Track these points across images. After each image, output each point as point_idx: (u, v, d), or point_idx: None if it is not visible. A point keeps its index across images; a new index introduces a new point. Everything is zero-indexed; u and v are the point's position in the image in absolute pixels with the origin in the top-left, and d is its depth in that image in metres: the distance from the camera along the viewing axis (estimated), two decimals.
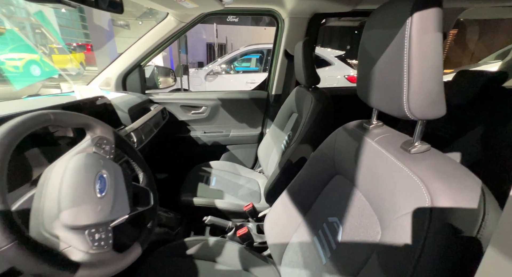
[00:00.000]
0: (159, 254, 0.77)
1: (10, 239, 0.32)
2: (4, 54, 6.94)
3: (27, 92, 1.03)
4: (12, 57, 6.89)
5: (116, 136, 0.60)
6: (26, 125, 0.40)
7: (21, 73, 6.76)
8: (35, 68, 7.08)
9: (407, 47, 0.35)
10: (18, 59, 6.85)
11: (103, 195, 0.47)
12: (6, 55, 6.93)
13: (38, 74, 7.03)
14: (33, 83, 6.58)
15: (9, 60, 6.83)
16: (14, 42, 7.43)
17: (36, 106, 0.66)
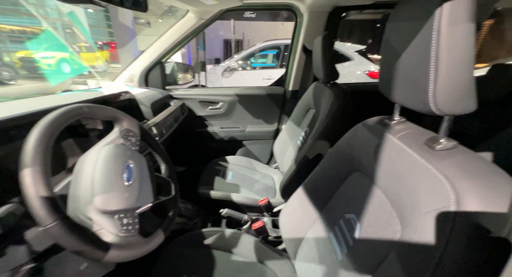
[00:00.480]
0: (178, 243, 0.81)
1: (53, 218, 0.35)
2: (40, 53, 7.51)
3: (60, 88, 1.14)
4: (46, 56, 7.43)
5: (141, 129, 0.64)
6: (65, 117, 0.44)
7: (53, 70, 7.28)
8: (65, 66, 7.58)
9: (435, 39, 0.33)
10: (51, 57, 7.38)
11: (130, 184, 0.51)
12: (41, 53, 7.49)
13: (68, 71, 7.53)
14: (65, 80, 7.07)
15: (43, 58, 7.38)
16: (48, 41, 8.00)
17: (70, 101, 0.71)
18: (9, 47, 8.99)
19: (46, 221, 0.35)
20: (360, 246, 0.52)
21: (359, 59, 3.69)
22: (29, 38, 9.37)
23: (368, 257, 0.48)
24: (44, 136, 0.40)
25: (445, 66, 0.34)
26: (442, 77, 0.34)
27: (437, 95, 0.35)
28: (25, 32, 9.98)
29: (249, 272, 0.75)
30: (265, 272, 0.75)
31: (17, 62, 7.50)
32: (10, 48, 8.83)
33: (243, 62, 4.53)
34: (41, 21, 8.74)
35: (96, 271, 0.89)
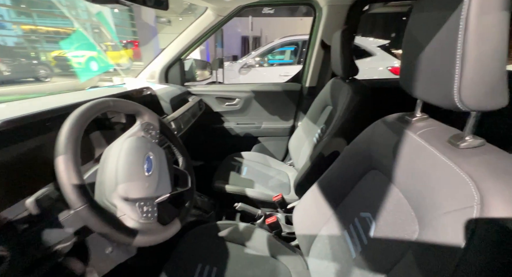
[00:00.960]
0: (194, 234, 0.84)
1: (83, 202, 0.39)
2: (71, 52, 8.08)
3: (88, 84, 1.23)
4: (77, 54, 7.97)
5: (161, 123, 0.67)
6: (93, 110, 0.48)
7: (83, 68, 7.80)
8: (94, 64, 8.08)
9: (462, 29, 0.31)
10: (81, 56, 7.91)
11: (150, 174, 0.54)
12: (72, 52, 8.06)
13: (96, 69, 8.03)
14: (92, 76, 7.56)
15: (74, 57, 7.93)
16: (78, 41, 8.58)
17: (97, 96, 0.76)
18: (45, 47, 9.75)
19: (76, 204, 0.39)
20: (375, 245, 0.51)
21: (382, 55, 3.53)
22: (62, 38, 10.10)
23: (383, 256, 0.47)
24: (74, 127, 0.43)
25: (472, 58, 0.31)
26: (469, 70, 0.32)
27: (462, 89, 0.33)
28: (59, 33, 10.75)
29: (261, 265, 0.76)
30: (277, 266, 0.76)
31: (52, 61, 8.13)
32: (46, 48, 9.58)
33: (261, 59, 4.51)
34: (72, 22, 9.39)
35: (119, 255, 0.95)
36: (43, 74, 7.18)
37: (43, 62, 8.17)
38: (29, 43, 10.14)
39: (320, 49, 1.33)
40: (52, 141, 0.42)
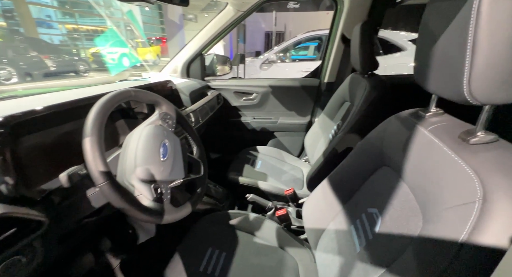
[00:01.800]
0: (207, 220, 0.89)
1: (105, 179, 0.44)
2: (106, 49, 8.73)
3: (119, 78, 1.34)
4: (111, 51, 8.58)
5: (177, 113, 0.71)
6: (116, 98, 0.53)
7: (116, 63, 8.38)
8: (125, 60, 8.65)
9: (473, 19, 0.30)
10: (114, 53, 8.51)
11: (165, 159, 0.58)
12: (107, 49, 8.70)
13: (127, 65, 8.59)
14: (123, 71, 8.12)
15: (109, 53, 8.54)
16: (113, 38, 9.23)
17: (125, 87, 0.83)
18: (84, 44, 10.63)
19: (99, 181, 0.44)
20: (378, 240, 0.50)
21: (413, 49, 3.28)
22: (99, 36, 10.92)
23: (385, 250, 0.46)
24: (99, 113, 0.49)
25: (484, 49, 0.30)
26: (480, 61, 0.30)
27: (472, 82, 0.31)
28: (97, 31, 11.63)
29: (269, 255, 0.78)
30: (285, 257, 0.78)
31: (90, 57, 8.85)
32: (85, 45, 10.44)
33: (283, 54, 4.47)
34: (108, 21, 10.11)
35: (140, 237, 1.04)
36: (82, 69, 7.84)
37: (82, 58, 8.94)
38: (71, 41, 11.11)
39: (341, 43, 1.29)
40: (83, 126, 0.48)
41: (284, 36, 10.14)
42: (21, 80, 5.97)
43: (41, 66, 6.62)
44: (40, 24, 9.97)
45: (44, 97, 0.75)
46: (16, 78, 5.92)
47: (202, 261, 0.71)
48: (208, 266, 0.70)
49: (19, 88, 5.63)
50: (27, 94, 0.78)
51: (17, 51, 6.26)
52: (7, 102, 0.67)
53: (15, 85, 5.75)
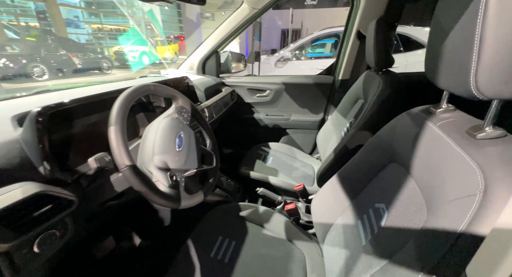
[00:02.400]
0: (218, 210, 0.93)
1: (127, 164, 0.49)
2: (128, 47, 9.13)
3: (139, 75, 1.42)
4: (132, 49, 8.96)
5: (193, 107, 0.75)
6: (137, 92, 0.58)
7: (136, 61, 8.74)
8: (145, 57, 8.99)
9: (481, 13, 0.30)
10: (135, 51, 8.87)
11: (180, 150, 0.62)
12: (129, 47, 9.10)
13: (147, 62, 8.93)
14: (142, 68, 8.47)
15: (130, 51, 8.92)
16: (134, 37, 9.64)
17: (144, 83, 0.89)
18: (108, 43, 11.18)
19: (122, 165, 0.49)
20: (384, 234, 0.51)
21: None
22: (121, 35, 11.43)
23: (389, 243, 0.47)
24: (122, 105, 0.54)
25: (492, 42, 0.30)
26: (487, 55, 0.30)
27: (478, 76, 0.32)
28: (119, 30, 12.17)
29: (277, 247, 0.81)
30: (292, 250, 0.80)
31: (113, 55, 9.29)
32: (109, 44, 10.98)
33: (298, 52, 4.42)
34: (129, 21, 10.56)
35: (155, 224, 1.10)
36: (105, 67, 8.26)
37: (106, 57, 9.40)
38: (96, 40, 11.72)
39: (356, 40, 1.27)
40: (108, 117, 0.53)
41: (300, 33, 10.00)
42: (51, 76, 6.43)
43: (70, 63, 7.08)
44: (68, 24, 10.61)
45: (73, 92, 0.82)
46: (47, 75, 6.38)
47: (212, 248, 0.75)
48: (218, 252, 0.74)
49: (49, 84, 6.07)
50: (58, 89, 0.86)
51: (49, 50, 6.73)
52: (42, 96, 0.75)
53: (47, 82, 6.20)
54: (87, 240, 0.93)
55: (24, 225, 0.44)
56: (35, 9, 9.12)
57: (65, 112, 0.58)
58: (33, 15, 9.16)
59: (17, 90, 5.10)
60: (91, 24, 12.10)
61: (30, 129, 0.50)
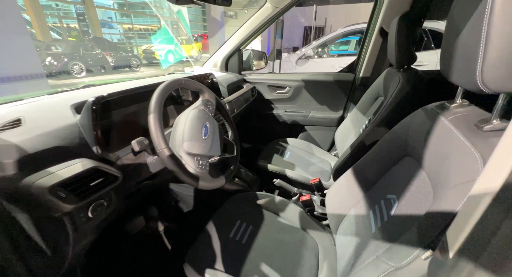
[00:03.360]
0: (237, 198, 1.00)
1: (163, 146, 0.57)
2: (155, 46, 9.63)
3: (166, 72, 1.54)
4: (159, 48, 9.43)
5: (217, 101, 0.82)
6: (171, 85, 0.66)
7: (163, 59, 9.19)
8: (171, 56, 9.42)
9: (488, 11, 0.32)
10: (162, 49, 9.33)
11: (206, 138, 0.70)
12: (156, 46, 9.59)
13: (173, 60, 9.35)
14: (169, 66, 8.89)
15: (157, 50, 9.40)
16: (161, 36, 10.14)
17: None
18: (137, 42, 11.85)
19: (159, 147, 0.57)
20: (392, 221, 0.54)
21: None
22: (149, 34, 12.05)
23: (396, 229, 0.50)
24: (159, 96, 0.62)
25: (498, 35, 0.32)
26: (493, 49, 0.32)
27: (484, 70, 0.34)
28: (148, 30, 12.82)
29: (291, 234, 0.86)
30: (306, 238, 0.84)
31: (141, 54, 9.83)
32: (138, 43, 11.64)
33: (321, 49, 4.36)
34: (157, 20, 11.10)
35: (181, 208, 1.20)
36: (135, 64, 8.79)
37: (135, 55, 9.99)
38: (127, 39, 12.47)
39: (378, 37, 1.26)
40: (145, 107, 0.62)
41: (324, 30, 9.77)
42: (88, 74, 7.02)
43: (104, 61, 7.65)
44: (103, 24, 11.40)
45: (114, 86, 0.94)
46: (84, 72, 6.97)
47: (231, 230, 0.82)
48: (236, 234, 0.81)
49: (86, 80, 6.63)
50: (102, 83, 0.98)
51: (86, 49, 7.33)
52: (89, 89, 0.87)
53: (84, 78, 6.78)
54: (123, 217, 1.05)
55: (83, 193, 0.54)
56: (75, 11, 9.94)
57: (113, 102, 0.68)
58: (74, 17, 10.00)
59: (59, 85, 5.65)
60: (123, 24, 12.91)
61: (86, 115, 0.60)
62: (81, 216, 0.57)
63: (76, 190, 0.52)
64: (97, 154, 0.60)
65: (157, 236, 1.14)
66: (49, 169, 0.51)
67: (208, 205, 1.12)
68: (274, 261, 0.74)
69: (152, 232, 1.14)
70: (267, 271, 0.70)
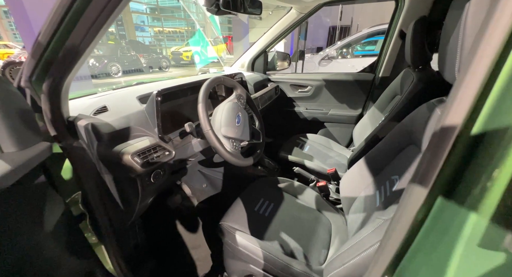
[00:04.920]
0: (261, 181, 1.14)
1: (209, 128, 0.73)
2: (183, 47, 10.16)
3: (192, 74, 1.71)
4: (186, 49, 9.94)
5: (247, 96, 0.98)
6: (214, 81, 0.82)
7: (189, 61, 9.68)
8: (197, 57, 9.88)
9: (463, 20, 0.43)
10: (189, 51, 9.82)
11: (238, 125, 0.85)
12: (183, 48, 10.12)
13: (198, 61, 9.81)
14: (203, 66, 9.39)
15: (184, 51, 9.92)
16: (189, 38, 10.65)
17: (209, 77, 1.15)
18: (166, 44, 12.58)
19: (206, 128, 0.73)
20: (393, 195, 0.65)
21: None
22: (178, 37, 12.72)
23: (394, 200, 0.61)
24: (206, 90, 0.79)
25: (468, 37, 0.43)
26: (466, 49, 0.43)
27: (461, 68, 0.44)
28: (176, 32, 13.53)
29: (307, 213, 0.98)
30: (321, 217, 0.96)
31: (170, 55, 10.43)
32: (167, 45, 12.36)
33: (345, 50, 4.35)
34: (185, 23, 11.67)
35: (211, 190, 1.38)
36: (164, 65, 9.37)
37: (165, 56, 10.64)
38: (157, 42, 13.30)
39: (398, 39, 1.32)
40: (188, 100, 0.79)
41: (350, 30, 9.57)
42: (124, 74, 7.68)
43: (137, 63, 8.30)
44: (136, 28, 12.29)
45: (159, 84, 1.12)
46: (121, 72, 7.64)
47: (256, 205, 0.97)
48: (260, 209, 0.95)
49: (122, 80, 7.26)
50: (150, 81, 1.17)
51: (123, 51, 8.02)
52: (141, 86, 1.07)
53: (120, 78, 7.44)
54: (165, 193, 1.26)
55: (149, 161, 0.72)
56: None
57: (168, 95, 0.86)
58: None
59: (100, 84, 6.28)
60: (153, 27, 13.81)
61: (151, 104, 0.79)
62: (146, 180, 0.75)
63: (145, 158, 0.71)
64: (157, 134, 0.79)
65: (192, 212, 1.33)
66: (129, 141, 0.70)
67: (235, 188, 1.28)
68: (292, 232, 0.87)
69: (186, 209, 1.34)
70: (285, 238, 0.84)
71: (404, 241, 0.34)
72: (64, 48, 0.51)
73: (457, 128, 0.26)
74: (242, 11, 1.00)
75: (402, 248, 0.35)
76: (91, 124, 0.64)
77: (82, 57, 0.54)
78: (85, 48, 0.52)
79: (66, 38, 0.50)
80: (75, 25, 0.48)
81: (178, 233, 1.22)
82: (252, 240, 0.79)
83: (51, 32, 0.49)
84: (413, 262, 0.34)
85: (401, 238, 0.33)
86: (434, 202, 0.31)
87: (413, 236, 0.34)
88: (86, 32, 0.49)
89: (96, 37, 0.50)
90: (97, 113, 0.73)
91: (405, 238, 0.33)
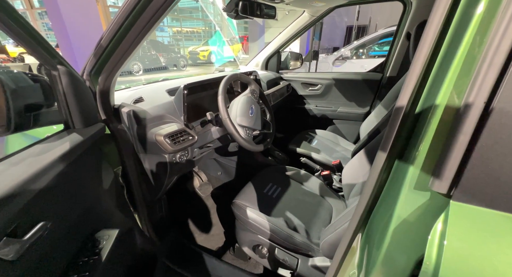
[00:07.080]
0: (270, 169, 1.26)
1: (227, 115, 0.87)
2: (200, 47, 10.46)
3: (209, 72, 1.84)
4: (203, 49, 10.23)
5: (260, 91, 1.11)
6: (232, 78, 0.96)
7: (205, 60, 9.96)
8: (213, 56, 10.14)
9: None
10: (206, 50, 10.10)
11: (252, 115, 0.98)
12: (200, 47, 10.42)
13: (215, 61, 10.07)
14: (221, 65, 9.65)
15: (201, 51, 10.21)
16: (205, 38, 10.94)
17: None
18: (184, 44, 12.99)
19: (224, 115, 0.87)
20: None
21: None
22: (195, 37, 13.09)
23: None
24: (225, 84, 0.92)
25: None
26: None
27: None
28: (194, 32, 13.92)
29: (311, 197, 1.09)
30: (323, 201, 1.07)
31: (188, 55, 10.78)
32: (185, 45, 12.76)
33: (361, 50, 4.35)
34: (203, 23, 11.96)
35: (225, 177, 1.53)
36: (182, 64, 9.72)
37: (183, 56, 11.01)
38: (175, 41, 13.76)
39: (405, 40, 1.39)
40: (208, 94, 0.93)
41: (367, 30, 9.40)
42: (144, 72, 8.09)
43: (157, 62, 8.69)
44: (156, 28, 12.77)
45: (182, 80, 1.28)
46: (142, 71, 8.05)
47: (265, 188, 1.09)
48: (268, 191, 1.08)
49: (143, 78, 7.66)
50: (175, 78, 1.33)
51: (144, 51, 8.43)
52: (167, 82, 1.22)
53: (141, 76, 7.85)
54: (186, 176, 1.42)
55: (177, 143, 0.87)
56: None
57: (193, 89, 1.01)
58: None
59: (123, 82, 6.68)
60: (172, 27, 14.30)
61: (179, 96, 0.93)
62: (173, 159, 0.90)
63: (173, 140, 0.85)
64: (183, 121, 0.93)
65: (207, 196, 1.48)
66: (161, 126, 0.86)
67: (247, 176, 1.41)
68: (296, 211, 0.99)
69: (204, 192, 1.49)
70: (289, 216, 0.96)
71: (373, 198, 0.45)
72: (117, 50, 0.67)
73: (403, 108, 0.37)
74: (258, 15, 1.13)
75: (372, 204, 0.46)
76: (132, 111, 0.79)
77: (129, 57, 0.69)
78: (132, 50, 0.67)
79: (120, 41, 0.65)
80: (129, 30, 0.63)
81: (196, 212, 1.38)
82: (260, 214, 0.92)
83: (111, 37, 0.64)
84: (378, 212, 0.45)
85: (371, 196, 0.45)
86: (393, 165, 0.42)
87: (379, 193, 0.46)
88: (136, 35, 0.64)
89: (143, 39, 0.65)
90: (136, 102, 0.89)
91: (373, 195, 0.45)
